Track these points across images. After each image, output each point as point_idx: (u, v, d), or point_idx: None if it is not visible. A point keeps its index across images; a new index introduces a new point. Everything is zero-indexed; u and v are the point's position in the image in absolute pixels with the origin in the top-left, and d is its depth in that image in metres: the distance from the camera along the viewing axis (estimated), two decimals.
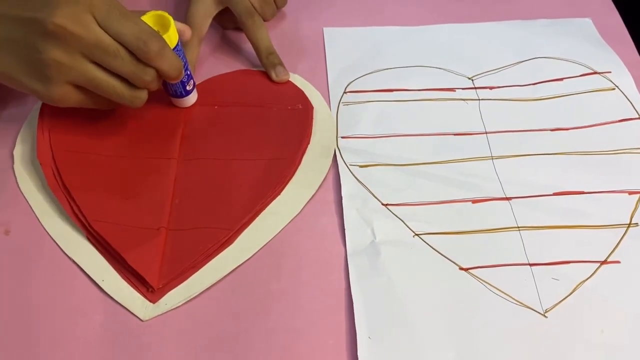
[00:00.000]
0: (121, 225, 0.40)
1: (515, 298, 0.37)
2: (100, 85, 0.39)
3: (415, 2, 0.58)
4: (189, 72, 0.45)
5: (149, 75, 0.40)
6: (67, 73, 0.38)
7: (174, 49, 0.42)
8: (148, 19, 0.41)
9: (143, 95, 0.42)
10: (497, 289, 0.38)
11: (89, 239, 0.40)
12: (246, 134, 0.46)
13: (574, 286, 0.38)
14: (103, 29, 0.38)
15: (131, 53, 0.39)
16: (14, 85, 0.40)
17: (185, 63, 0.44)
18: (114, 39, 0.38)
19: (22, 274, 0.39)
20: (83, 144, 0.44)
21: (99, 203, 0.41)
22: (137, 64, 0.39)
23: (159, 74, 0.41)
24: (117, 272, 0.39)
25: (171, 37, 0.42)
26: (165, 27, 0.42)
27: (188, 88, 0.46)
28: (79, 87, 0.40)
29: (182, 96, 0.46)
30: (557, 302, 0.37)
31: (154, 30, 0.40)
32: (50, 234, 0.41)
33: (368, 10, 0.58)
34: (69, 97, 0.40)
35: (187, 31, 0.46)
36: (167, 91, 0.46)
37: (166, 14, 0.42)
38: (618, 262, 0.39)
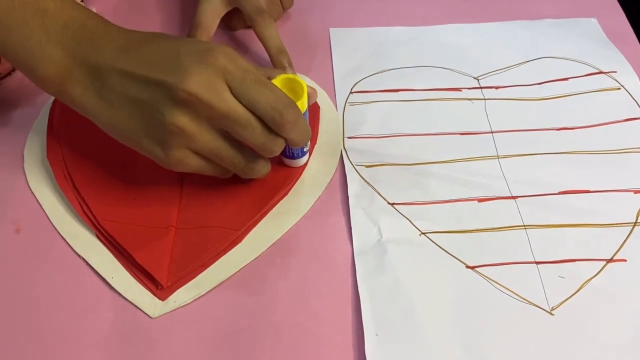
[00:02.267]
0: (130, 224, 0.41)
1: (522, 296, 0.37)
2: (220, 155, 0.37)
3: (421, 3, 0.59)
4: None
5: (278, 146, 0.37)
6: (189, 140, 0.35)
7: (304, 113, 0.39)
8: (279, 83, 0.39)
9: (261, 167, 0.40)
10: (504, 287, 0.38)
11: (98, 237, 0.41)
12: None
13: (580, 284, 0.38)
14: (236, 97, 0.35)
15: (263, 123, 0.36)
16: (132, 144, 0.38)
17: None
18: (247, 108, 0.35)
19: (32, 271, 0.39)
20: (92, 145, 0.45)
21: (108, 202, 0.42)
22: (268, 135, 0.36)
23: (287, 142, 0.38)
24: (127, 269, 0.39)
25: (304, 102, 0.39)
26: (297, 93, 0.39)
27: (305, 149, 0.43)
28: (197, 153, 0.37)
29: (296, 157, 0.43)
30: (563, 300, 0.37)
31: (290, 98, 0.36)
32: (60, 232, 0.41)
33: (374, 10, 0.58)
34: (188, 163, 0.37)
35: (315, 94, 0.43)
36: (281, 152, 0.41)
37: (298, 78, 0.40)
38: (624, 260, 0.39)
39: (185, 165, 0.37)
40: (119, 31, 0.38)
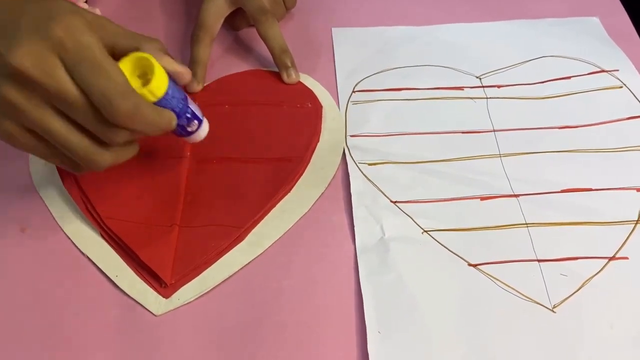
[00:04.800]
0: (134, 222, 0.41)
1: (524, 293, 0.38)
2: (54, 136, 0.33)
3: (423, 2, 0.59)
4: (188, 115, 0.38)
5: (118, 136, 0.34)
6: (18, 116, 0.32)
7: (162, 98, 0.35)
8: (127, 64, 0.34)
9: (102, 159, 0.35)
10: (506, 285, 0.38)
11: (102, 236, 0.41)
12: (256, 132, 0.47)
13: (582, 282, 0.38)
14: (70, 75, 0.31)
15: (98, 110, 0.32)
16: None
17: (184, 105, 0.38)
18: (81, 89, 0.32)
19: (37, 270, 0.40)
20: None
21: (112, 201, 0.42)
22: (104, 123, 0.33)
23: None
24: (131, 268, 0.39)
25: (154, 88, 0.34)
26: (147, 76, 0.34)
27: (190, 129, 0.39)
28: (32, 131, 0.34)
29: (183, 136, 0.40)
30: (565, 297, 0.37)
31: (127, 86, 0.33)
32: (64, 231, 0.41)
33: (376, 10, 0.58)
34: (18, 139, 0.34)
35: (187, 74, 0.39)
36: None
37: (150, 58, 0.34)
38: (626, 258, 0.39)
39: (16, 141, 0.34)
40: None
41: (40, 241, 0.41)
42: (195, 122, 0.39)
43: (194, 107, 0.39)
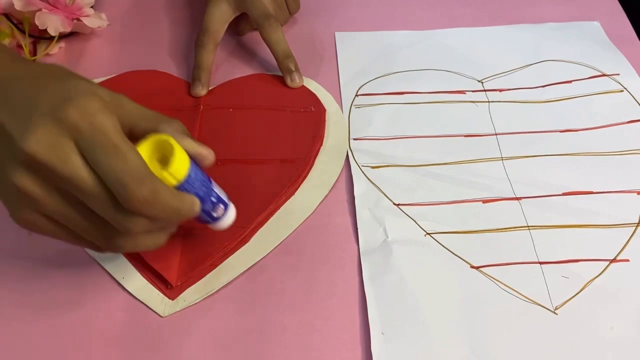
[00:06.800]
0: None
1: (526, 295, 0.38)
2: (72, 223, 0.32)
3: (426, 7, 0.59)
4: (213, 199, 0.35)
5: (136, 225, 0.31)
6: (35, 204, 0.31)
7: (183, 182, 0.33)
8: (146, 147, 0.32)
9: (122, 244, 0.33)
10: (508, 287, 0.38)
11: None
12: (260, 135, 0.47)
13: (584, 284, 0.38)
14: (85, 160, 0.30)
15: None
16: None
17: (208, 189, 0.35)
18: (96, 174, 0.30)
19: (44, 272, 0.40)
20: None
21: None
22: (119, 210, 0.31)
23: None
24: (137, 270, 0.40)
25: (174, 171, 0.32)
26: (167, 158, 0.32)
27: (215, 215, 0.36)
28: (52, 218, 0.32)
29: (208, 223, 0.37)
30: (567, 299, 0.38)
31: (145, 169, 0.30)
32: None
33: (379, 15, 0.59)
34: (39, 227, 0.32)
35: (210, 156, 0.35)
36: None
37: (169, 139, 0.32)
38: (627, 260, 0.39)
39: (38, 229, 0.33)
40: None
41: (46, 244, 0.41)
42: (221, 206, 0.36)
43: (219, 190, 0.36)
